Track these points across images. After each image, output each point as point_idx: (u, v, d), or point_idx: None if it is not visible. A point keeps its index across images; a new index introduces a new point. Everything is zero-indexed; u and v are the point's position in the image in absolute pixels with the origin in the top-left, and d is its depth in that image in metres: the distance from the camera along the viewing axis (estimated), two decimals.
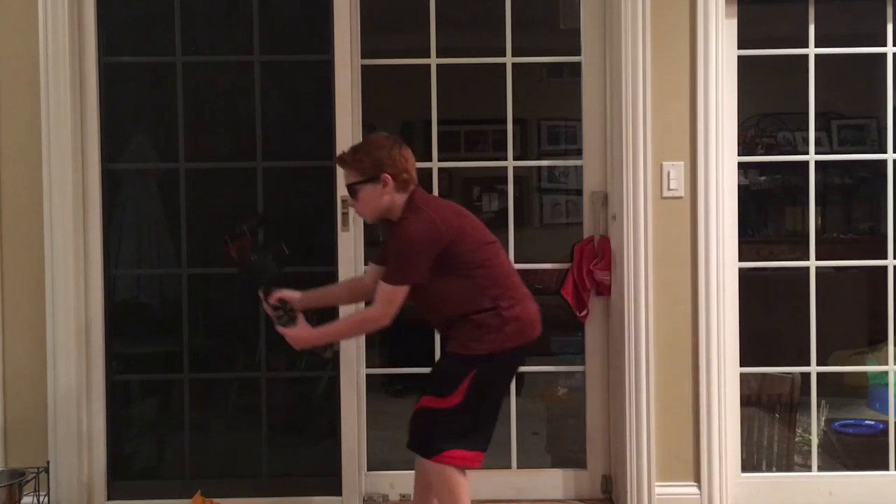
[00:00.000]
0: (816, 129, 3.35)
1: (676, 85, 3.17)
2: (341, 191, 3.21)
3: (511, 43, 3.33)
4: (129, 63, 3.37)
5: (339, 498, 3.26)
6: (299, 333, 2.67)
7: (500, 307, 2.53)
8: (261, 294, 2.72)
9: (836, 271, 3.95)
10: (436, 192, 3.40)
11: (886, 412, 3.41)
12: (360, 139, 3.30)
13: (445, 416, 2.54)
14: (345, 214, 3.22)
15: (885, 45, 3.29)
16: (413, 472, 3.37)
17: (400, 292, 2.52)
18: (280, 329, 2.67)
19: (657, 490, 3.17)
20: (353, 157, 2.61)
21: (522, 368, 3.55)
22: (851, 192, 5.37)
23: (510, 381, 2.85)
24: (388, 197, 2.57)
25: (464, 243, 2.53)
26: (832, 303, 3.57)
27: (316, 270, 3.35)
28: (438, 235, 2.49)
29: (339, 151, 3.19)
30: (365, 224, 3.33)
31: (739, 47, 3.24)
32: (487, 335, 2.53)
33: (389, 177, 2.56)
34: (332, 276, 3.24)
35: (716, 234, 3.16)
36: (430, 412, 2.58)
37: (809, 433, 3.46)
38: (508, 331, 2.53)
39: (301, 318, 2.68)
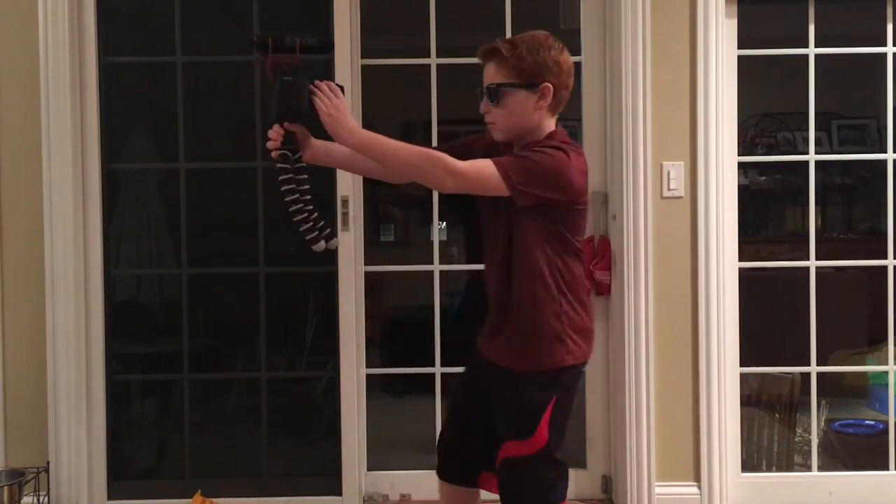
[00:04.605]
0: (816, 129, 3.35)
1: (676, 85, 3.17)
2: (342, 191, 3.22)
3: None
4: (129, 63, 3.36)
5: (339, 498, 3.26)
6: (346, 111, 1.97)
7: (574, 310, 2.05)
8: (274, 128, 2.03)
9: (836, 271, 3.95)
10: (435, 192, 3.40)
11: (886, 412, 3.40)
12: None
13: (535, 464, 2.01)
14: (345, 214, 3.22)
15: (885, 45, 3.29)
16: (413, 472, 3.40)
17: (494, 183, 1.93)
18: (325, 86, 1.97)
19: (657, 490, 3.17)
20: (512, 51, 2.01)
21: None
22: (851, 192, 5.39)
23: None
24: (538, 114, 2.04)
25: (582, 215, 2.06)
26: (832, 303, 3.57)
27: (315, 270, 3.35)
28: (579, 187, 2.00)
29: None
30: (365, 224, 3.34)
31: (739, 47, 3.23)
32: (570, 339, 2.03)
33: (552, 88, 2.02)
34: (331, 277, 3.24)
35: (716, 234, 3.16)
36: (516, 463, 2.02)
37: (809, 433, 3.46)
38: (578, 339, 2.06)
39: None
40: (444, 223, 5.19)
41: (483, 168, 1.94)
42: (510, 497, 2.04)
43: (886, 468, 3.32)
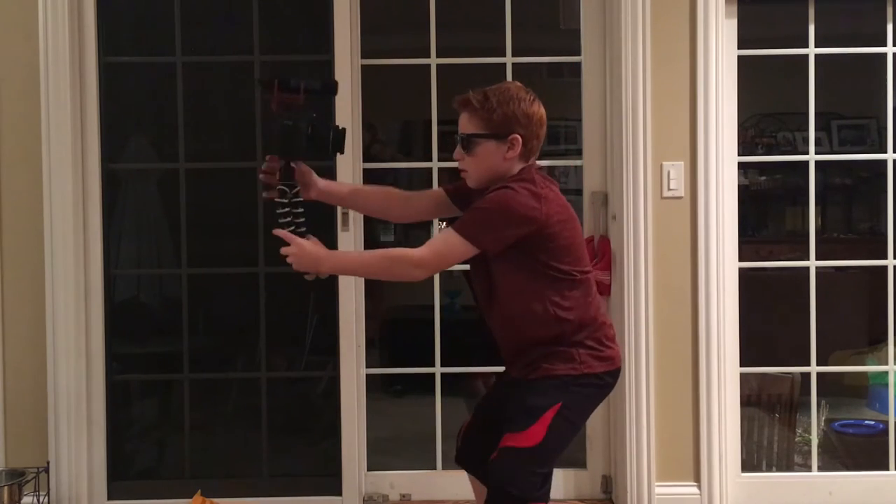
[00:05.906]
0: (816, 129, 3.35)
1: (676, 85, 3.17)
2: None
3: (511, 43, 3.32)
4: (129, 63, 3.36)
5: (339, 498, 3.26)
6: (309, 250, 2.08)
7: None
8: (267, 164, 2.15)
9: (836, 271, 3.96)
10: None
11: (886, 412, 3.40)
12: (361, 139, 3.32)
13: (525, 459, 2.09)
14: (345, 214, 3.22)
15: (885, 45, 3.29)
16: (413, 472, 3.40)
17: (460, 249, 2.05)
18: (286, 237, 2.10)
19: (657, 490, 3.17)
20: (483, 103, 2.11)
21: None
22: (851, 192, 5.39)
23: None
24: (508, 163, 2.12)
25: (560, 237, 2.08)
26: (832, 303, 3.57)
27: None
28: (538, 213, 2.03)
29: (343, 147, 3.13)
30: (365, 224, 3.34)
31: (739, 47, 3.23)
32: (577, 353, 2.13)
33: (520, 139, 2.10)
34: (332, 277, 3.23)
35: (716, 234, 3.16)
36: (508, 452, 2.10)
37: (809, 433, 3.46)
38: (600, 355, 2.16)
39: (314, 240, 2.13)
40: (444, 223, 5.19)
41: (443, 245, 2.08)
42: (493, 483, 2.11)
43: (886, 468, 3.32)
